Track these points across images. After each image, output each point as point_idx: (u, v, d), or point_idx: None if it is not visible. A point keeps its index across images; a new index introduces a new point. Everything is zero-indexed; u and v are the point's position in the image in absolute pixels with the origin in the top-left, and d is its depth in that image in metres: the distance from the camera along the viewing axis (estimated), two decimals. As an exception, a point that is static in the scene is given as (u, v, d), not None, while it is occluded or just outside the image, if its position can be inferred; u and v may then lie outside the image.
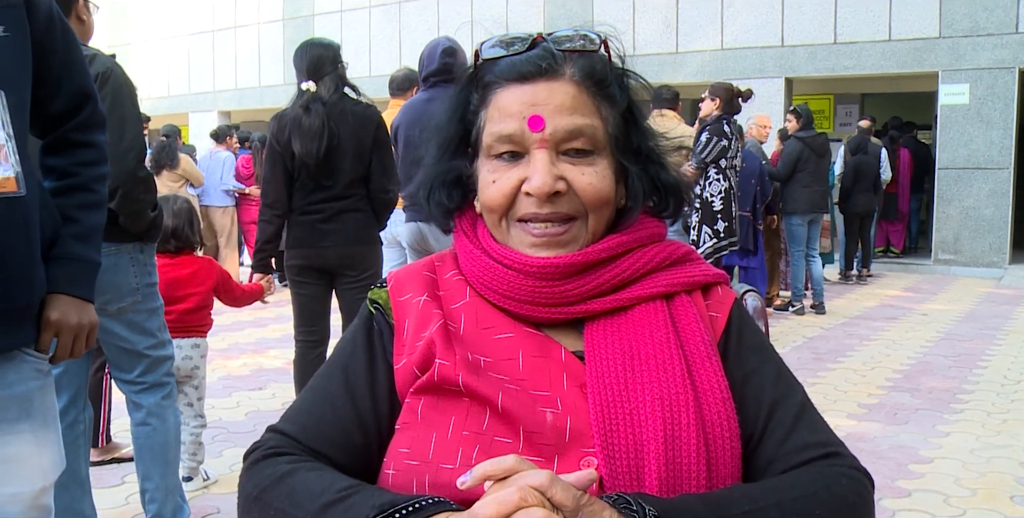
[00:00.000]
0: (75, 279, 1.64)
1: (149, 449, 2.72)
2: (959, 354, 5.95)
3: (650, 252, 1.08)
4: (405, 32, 14.10)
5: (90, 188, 1.72)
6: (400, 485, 0.96)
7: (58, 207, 1.66)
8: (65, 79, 1.66)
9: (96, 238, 1.71)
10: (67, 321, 1.61)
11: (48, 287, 1.60)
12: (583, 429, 0.96)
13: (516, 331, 1.04)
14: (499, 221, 1.06)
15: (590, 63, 1.07)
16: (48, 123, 1.69)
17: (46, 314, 1.59)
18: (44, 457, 1.59)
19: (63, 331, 1.61)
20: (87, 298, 1.67)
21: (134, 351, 2.64)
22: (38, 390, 1.59)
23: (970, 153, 10.30)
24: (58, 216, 1.65)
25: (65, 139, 1.71)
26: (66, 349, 1.64)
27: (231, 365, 5.66)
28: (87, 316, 1.66)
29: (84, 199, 1.70)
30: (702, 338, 1.03)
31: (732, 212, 5.83)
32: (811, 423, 1.02)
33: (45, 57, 1.60)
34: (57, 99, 1.67)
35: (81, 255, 1.66)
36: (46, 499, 1.61)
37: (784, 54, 11.26)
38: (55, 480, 1.63)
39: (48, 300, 1.60)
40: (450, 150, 1.13)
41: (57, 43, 1.62)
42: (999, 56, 10.07)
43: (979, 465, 3.71)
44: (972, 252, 10.41)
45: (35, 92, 1.60)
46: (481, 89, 1.09)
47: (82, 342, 1.66)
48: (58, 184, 1.70)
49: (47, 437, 1.60)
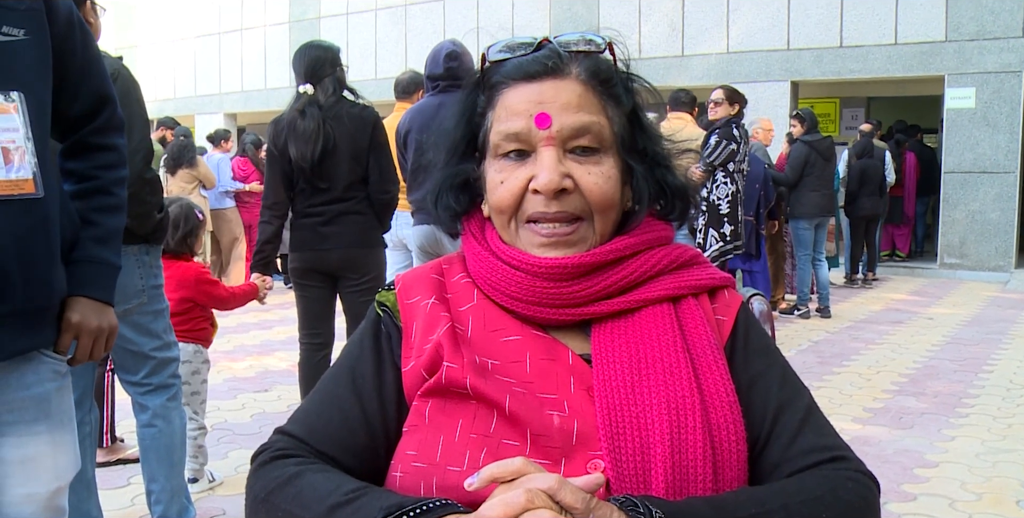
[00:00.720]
0: (95, 282, 1.65)
1: (155, 450, 2.73)
2: (965, 358, 5.94)
3: (657, 255, 1.08)
4: (411, 35, 14.11)
5: (109, 191, 1.73)
6: (407, 487, 0.97)
7: (77, 210, 1.67)
8: (84, 82, 1.67)
9: (116, 241, 1.72)
10: (87, 324, 1.62)
11: (68, 290, 1.61)
12: (590, 432, 0.96)
13: (523, 333, 1.04)
14: (508, 222, 1.07)
15: (595, 63, 1.08)
16: (67, 126, 1.70)
17: (66, 316, 1.60)
18: (60, 458, 1.60)
19: (83, 334, 1.62)
20: (107, 301, 1.68)
21: (140, 353, 2.65)
22: (56, 391, 1.60)
23: (976, 157, 10.28)
24: (77, 219, 1.66)
25: (84, 143, 1.72)
26: (85, 352, 1.65)
27: (236, 367, 5.67)
28: (107, 319, 1.67)
29: (103, 202, 1.71)
30: (709, 341, 1.03)
31: (739, 216, 5.83)
32: (817, 427, 1.02)
33: (65, 60, 1.60)
34: (76, 102, 1.67)
35: (101, 258, 1.67)
36: (61, 500, 1.61)
37: (790, 57, 11.25)
38: (70, 481, 1.64)
39: (68, 303, 1.61)
40: (457, 154, 1.14)
41: (77, 46, 1.63)
42: (1005, 60, 10.06)
43: (985, 469, 3.71)
44: (978, 256, 10.38)
45: (55, 95, 1.61)
46: (488, 90, 1.10)
47: (101, 345, 1.67)
48: (77, 187, 1.70)
49: (63, 438, 1.61)
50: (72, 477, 1.64)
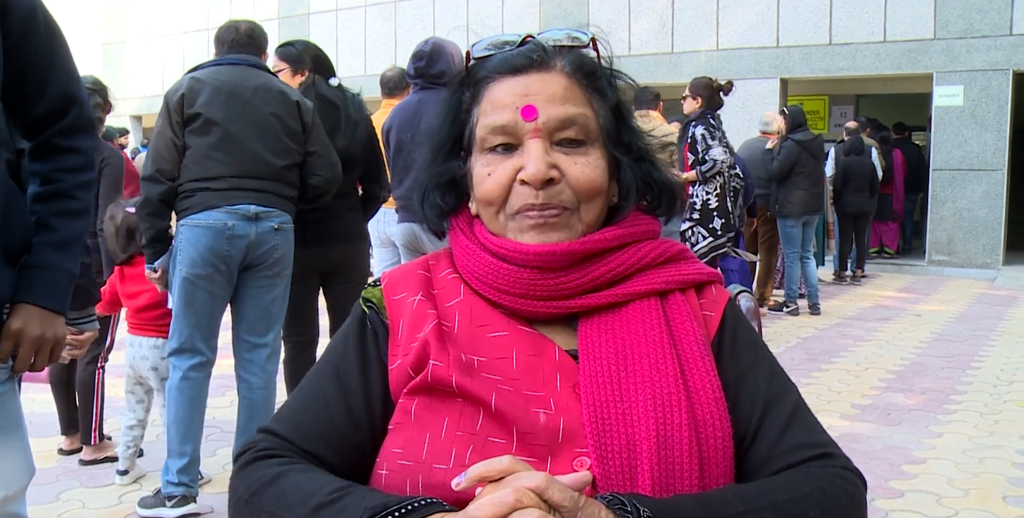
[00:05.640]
0: (45, 289, 1.57)
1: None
2: (952, 355, 5.97)
3: (645, 248, 1.08)
4: (400, 31, 14.08)
5: (72, 195, 1.66)
6: (393, 486, 0.96)
7: (37, 213, 1.60)
8: (49, 81, 1.61)
9: (75, 247, 1.64)
10: (29, 332, 1.54)
11: (16, 296, 1.54)
12: (576, 430, 0.96)
13: (510, 329, 1.04)
14: (496, 215, 1.06)
15: (580, 56, 1.09)
16: (33, 126, 1.64)
17: (8, 323, 1.52)
18: (8, 465, 1.54)
19: (23, 342, 1.53)
20: (56, 309, 1.59)
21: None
22: None
23: (964, 154, 10.33)
24: (31, 222, 1.59)
25: (49, 144, 1.65)
26: (25, 361, 1.56)
27: (224, 364, 5.60)
28: (52, 328, 1.57)
29: (64, 206, 1.64)
30: (696, 337, 1.03)
31: (728, 207, 5.80)
32: (804, 423, 1.02)
33: (25, 57, 1.54)
34: (40, 102, 1.61)
35: (55, 264, 1.59)
36: (14, 507, 1.55)
37: (779, 55, 11.27)
38: (23, 487, 1.58)
39: (14, 309, 1.54)
40: (443, 153, 1.13)
41: (40, 43, 1.57)
42: (993, 58, 10.10)
43: (972, 466, 3.72)
44: (966, 253, 10.43)
45: (17, 93, 1.56)
46: (473, 86, 1.09)
47: (45, 355, 1.58)
48: (40, 190, 1.64)
49: (10, 444, 1.55)
50: (25, 484, 1.58)
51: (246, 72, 3.17)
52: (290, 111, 3.18)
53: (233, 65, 3.19)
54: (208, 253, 3.02)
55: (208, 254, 3.03)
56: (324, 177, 3.27)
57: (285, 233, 3.18)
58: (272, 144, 3.13)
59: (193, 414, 3.12)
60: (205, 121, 3.04)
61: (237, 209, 3.04)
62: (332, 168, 3.30)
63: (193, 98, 3.06)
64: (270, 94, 3.15)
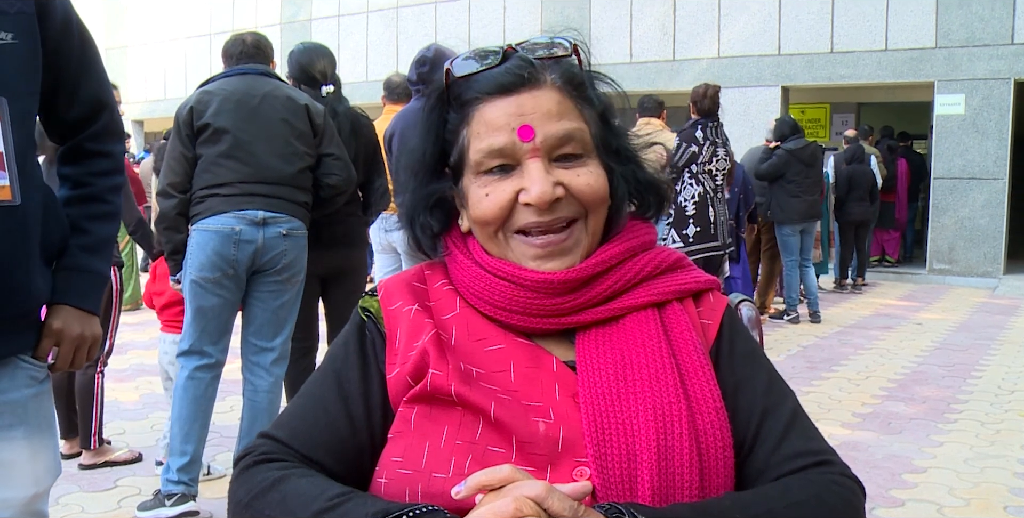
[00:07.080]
0: (80, 291, 1.64)
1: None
2: (953, 364, 5.96)
3: (641, 261, 1.08)
4: (402, 37, 14.11)
5: (103, 199, 1.72)
6: (392, 494, 0.96)
7: (70, 217, 1.66)
8: (81, 86, 1.65)
9: (106, 250, 1.71)
10: (69, 332, 1.61)
11: (53, 297, 1.60)
12: (576, 439, 0.96)
13: (507, 342, 1.04)
14: (494, 234, 1.06)
15: (568, 68, 1.08)
16: (65, 131, 1.69)
17: (48, 322, 1.59)
18: (38, 463, 1.59)
19: (64, 341, 1.61)
20: (92, 310, 1.66)
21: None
22: (33, 397, 1.58)
23: (965, 163, 10.33)
24: (67, 225, 1.64)
25: (80, 148, 1.71)
26: (66, 359, 1.64)
27: (227, 369, 5.62)
28: (90, 328, 1.65)
29: (95, 210, 1.70)
30: (694, 346, 1.03)
31: (708, 216, 5.70)
32: (803, 431, 1.02)
33: (60, 63, 1.59)
34: (73, 107, 1.66)
35: (88, 267, 1.66)
36: (39, 505, 1.60)
37: (781, 63, 11.28)
38: (50, 486, 1.63)
39: (52, 310, 1.60)
40: (427, 173, 1.12)
41: (74, 50, 1.61)
42: (995, 67, 10.11)
43: (973, 475, 3.72)
44: (967, 262, 10.43)
45: (51, 100, 1.60)
46: (460, 107, 1.07)
47: (83, 353, 1.66)
48: (71, 194, 1.69)
49: (42, 443, 1.60)
50: (52, 483, 1.63)
51: (254, 81, 3.20)
52: (299, 115, 3.21)
53: (242, 75, 3.23)
54: (216, 257, 3.05)
55: (216, 258, 3.05)
56: (341, 177, 3.29)
57: (295, 239, 3.19)
58: (282, 150, 3.15)
59: (196, 413, 3.13)
60: (215, 130, 3.08)
61: (245, 214, 3.08)
62: (348, 169, 3.33)
63: (202, 110, 3.11)
64: (278, 100, 3.18)
